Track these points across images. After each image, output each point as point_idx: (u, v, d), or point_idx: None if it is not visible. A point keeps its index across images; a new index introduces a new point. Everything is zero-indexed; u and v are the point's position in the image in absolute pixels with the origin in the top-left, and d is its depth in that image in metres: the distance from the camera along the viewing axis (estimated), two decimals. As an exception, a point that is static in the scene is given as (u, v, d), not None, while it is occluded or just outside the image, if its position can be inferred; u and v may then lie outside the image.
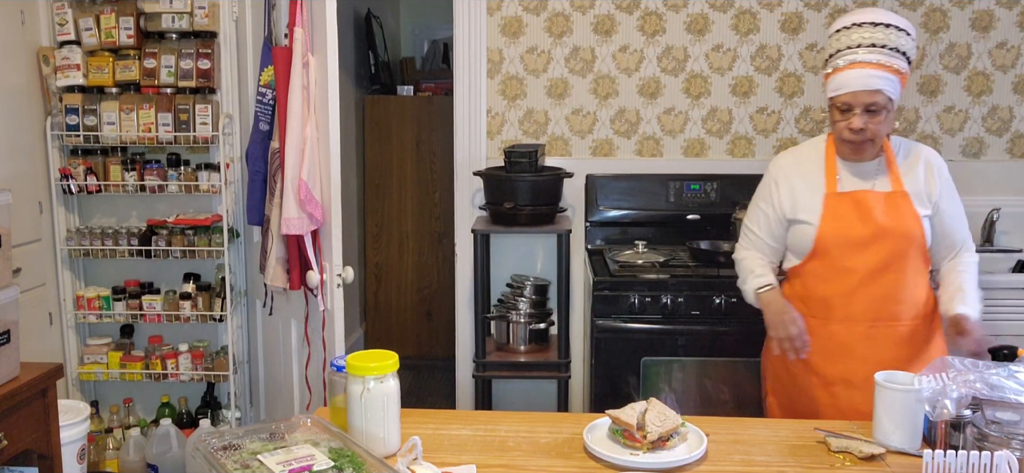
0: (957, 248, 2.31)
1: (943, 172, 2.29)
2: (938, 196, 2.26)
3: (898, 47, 2.15)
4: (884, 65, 2.13)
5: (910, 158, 2.28)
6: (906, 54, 2.17)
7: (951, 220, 2.29)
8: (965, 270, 2.27)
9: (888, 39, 2.15)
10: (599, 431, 1.79)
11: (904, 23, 2.19)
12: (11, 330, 2.12)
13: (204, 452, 1.46)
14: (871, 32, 2.16)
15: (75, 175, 3.38)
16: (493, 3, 3.56)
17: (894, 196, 2.22)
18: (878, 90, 2.12)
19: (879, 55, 2.14)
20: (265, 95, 3.05)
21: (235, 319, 3.52)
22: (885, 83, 2.13)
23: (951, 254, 2.32)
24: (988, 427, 1.57)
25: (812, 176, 2.31)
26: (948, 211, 2.28)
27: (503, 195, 3.26)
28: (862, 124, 2.15)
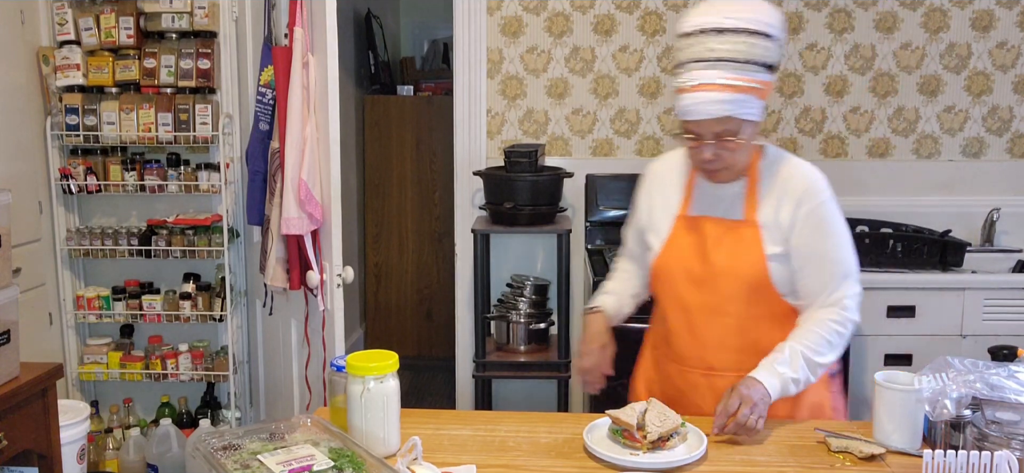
0: (820, 296, 1.84)
1: (811, 201, 1.84)
2: (794, 231, 1.83)
3: (752, 59, 1.73)
4: (735, 86, 1.72)
5: (778, 181, 1.87)
6: (767, 64, 1.76)
7: (807, 262, 1.83)
8: (810, 328, 1.82)
9: (739, 51, 1.72)
10: (599, 431, 1.79)
11: (763, 20, 1.75)
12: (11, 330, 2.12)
13: (204, 452, 1.46)
14: (718, 42, 1.73)
15: (75, 175, 3.38)
16: (493, 3, 3.56)
17: (742, 227, 1.86)
18: (727, 116, 1.74)
19: (728, 73, 1.72)
20: (265, 95, 3.05)
21: (235, 319, 3.52)
22: (736, 107, 1.73)
23: (814, 301, 1.85)
24: (988, 427, 1.57)
25: (672, 191, 1.99)
26: (806, 251, 1.83)
27: (503, 195, 3.26)
28: (711, 155, 1.80)
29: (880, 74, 3.56)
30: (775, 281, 1.84)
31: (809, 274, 1.84)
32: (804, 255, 1.83)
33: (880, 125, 3.60)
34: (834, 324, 1.82)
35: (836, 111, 3.59)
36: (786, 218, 1.84)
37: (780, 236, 1.84)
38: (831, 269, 1.83)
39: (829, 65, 3.56)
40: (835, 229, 1.85)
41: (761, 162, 1.89)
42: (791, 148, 3.60)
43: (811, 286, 1.84)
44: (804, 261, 1.83)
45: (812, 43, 3.54)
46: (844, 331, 1.84)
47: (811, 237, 1.83)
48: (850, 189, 3.59)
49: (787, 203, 1.85)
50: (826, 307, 1.83)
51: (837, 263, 1.84)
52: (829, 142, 3.61)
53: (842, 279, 1.84)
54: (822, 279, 1.83)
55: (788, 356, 1.79)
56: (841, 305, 1.83)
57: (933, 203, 3.57)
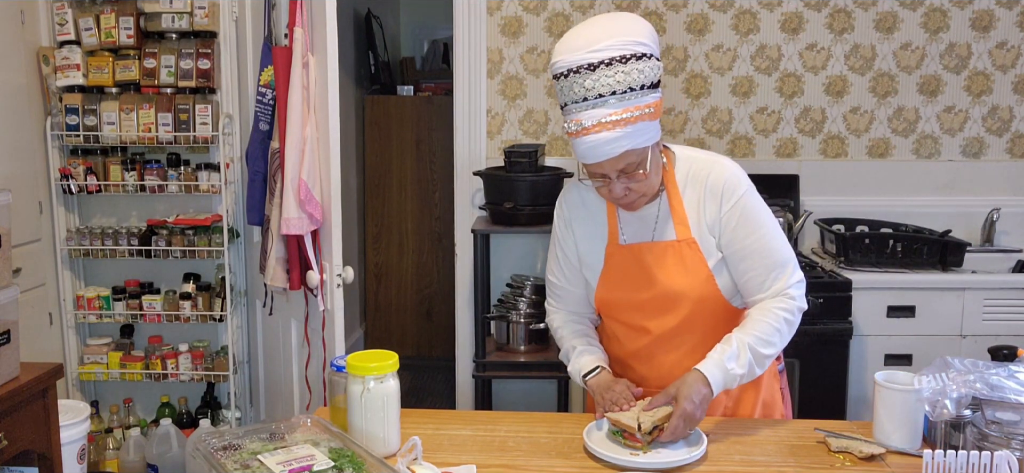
0: (761, 289, 1.80)
1: (732, 198, 1.78)
2: (722, 232, 1.79)
3: (634, 86, 1.63)
4: (626, 120, 1.63)
5: (696, 186, 1.81)
6: (653, 83, 1.66)
7: (741, 259, 1.79)
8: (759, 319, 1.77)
9: (621, 81, 1.63)
10: (599, 431, 1.79)
11: (632, 40, 1.64)
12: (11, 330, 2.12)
13: (204, 452, 1.46)
14: (595, 80, 1.63)
15: (75, 175, 3.38)
16: (493, 3, 3.56)
17: (680, 247, 1.80)
18: (627, 151, 1.65)
19: (617, 107, 1.63)
20: (265, 95, 3.05)
21: (235, 319, 3.52)
22: (633, 140, 1.64)
23: (757, 295, 1.81)
24: (988, 427, 1.57)
25: (596, 218, 1.89)
26: (737, 249, 1.79)
27: (503, 195, 3.26)
28: (622, 191, 1.73)
29: (880, 74, 3.56)
30: (723, 291, 1.82)
31: (745, 270, 1.80)
32: (737, 253, 1.79)
33: (880, 125, 3.60)
34: (782, 313, 1.78)
35: (836, 111, 3.59)
36: (712, 219, 1.80)
37: (714, 243, 1.81)
38: (765, 261, 1.79)
39: (829, 65, 3.56)
40: (761, 220, 1.79)
41: (676, 171, 1.83)
42: (790, 148, 3.61)
43: (750, 282, 1.80)
44: (738, 259, 1.80)
45: (812, 43, 3.55)
46: (793, 319, 1.80)
47: (738, 233, 1.78)
48: (850, 189, 3.60)
49: (710, 205, 1.80)
50: (772, 298, 1.79)
51: (770, 253, 1.79)
52: (829, 142, 3.61)
53: (779, 268, 1.79)
54: (759, 273, 1.79)
55: (736, 349, 1.74)
56: (786, 295, 1.79)
57: (933, 203, 3.58)
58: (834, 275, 3.04)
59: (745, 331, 1.77)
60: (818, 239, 3.50)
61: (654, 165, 1.73)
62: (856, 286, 3.00)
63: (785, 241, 1.83)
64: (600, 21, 1.71)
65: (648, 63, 1.66)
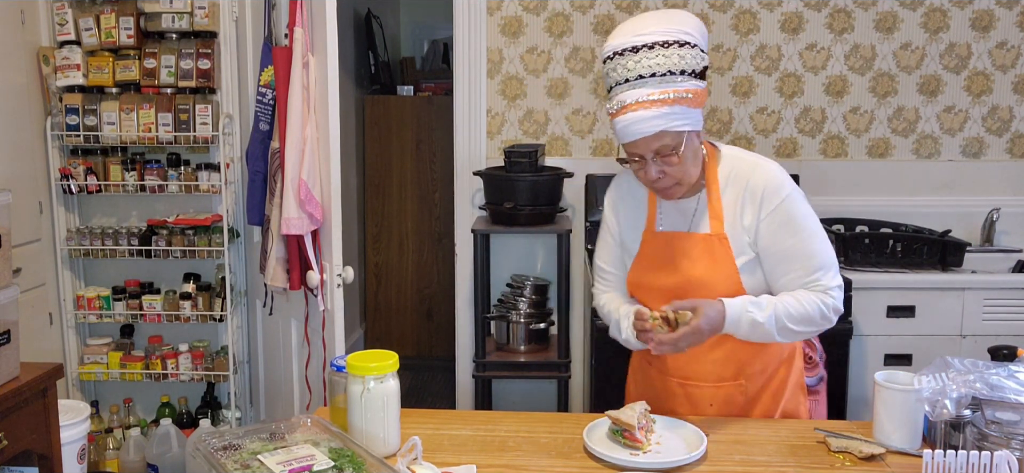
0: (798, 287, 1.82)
1: (774, 200, 1.80)
2: (759, 234, 1.81)
3: (674, 70, 1.71)
4: (663, 100, 1.70)
5: (738, 185, 1.84)
6: (692, 71, 1.74)
7: (780, 261, 1.81)
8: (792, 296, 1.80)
9: (661, 64, 1.70)
10: (599, 431, 1.79)
11: (677, 29, 1.74)
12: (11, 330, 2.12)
13: (204, 452, 1.46)
14: (637, 61, 1.71)
15: (75, 175, 3.38)
16: (493, 3, 3.56)
17: (710, 241, 1.84)
18: (662, 131, 1.72)
19: (653, 89, 1.70)
20: (265, 95, 3.05)
21: (235, 319, 3.52)
22: (669, 121, 1.71)
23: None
24: (988, 427, 1.57)
25: (639, 206, 1.96)
26: (776, 251, 1.81)
27: (503, 195, 3.26)
28: (656, 174, 1.78)
29: (880, 74, 3.56)
30: (748, 290, 1.83)
31: (785, 272, 1.81)
32: (775, 255, 1.81)
33: (880, 125, 3.60)
34: (818, 302, 1.79)
35: (836, 111, 3.59)
36: (751, 222, 1.82)
37: (747, 242, 1.82)
38: (805, 264, 1.80)
39: (829, 65, 3.56)
40: (803, 223, 1.81)
41: (718, 169, 1.87)
42: (790, 148, 3.61)
43: (790, 283, 1.82)
44: (776, 261, 1.81)
45: (812, 43, 3.55)
46: (827, 314, 1.80)
47: (779, 236, 1.80)
48: (850, 189, 3.60)
49: (750, 206, 1.82)
50: (809, 289, 1.81)
51: (811, 257, 1.80)
52: (829, 142, 3.61)
53: (820, 271, 1.80)
54: (799, 275, 1.80)
55: (763, 303, 1.78)
56: (825, 291, 1.80)
57: (933, 203, 3.58)
58: (834, 275, 3.04)
59: (777, 299, 1.80)
60: (818, 239, 3.50)
61: (691, 153, 1.78)
62: (856, 286, 3.00)
63: (828, 245, 1.84)
64: (651, 13, 1.82)
65: (690, 51, 1.73)
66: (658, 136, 1.73)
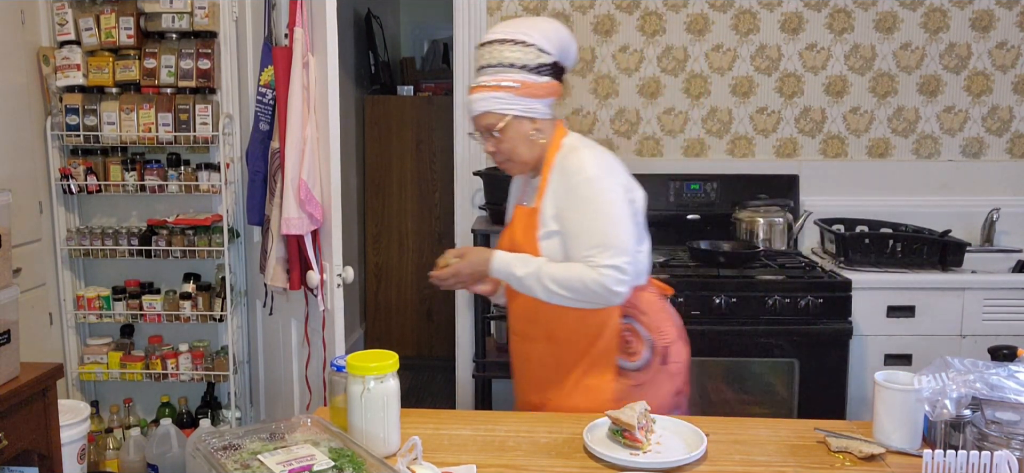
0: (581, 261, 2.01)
1: (574, 178, 2.01)
2: (560, 209, 2.02)
3: (502, 62, 2.01)
4: (489, 86, 2.02)
5: (561, 169, 2.06)
6: (524, 65, 2.00)
7: (568, 236, 2.02)
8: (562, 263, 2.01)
9: (494, 57, 2.03)
10: (599, 431, 1.79)
11: (520, 31, 2.03)
12: (11, 330, 2.12)
13: (204, 452, 1.46)
14: (481, 54, 2.07)
15: (75, 175, 3.38)
16: (493, 3, 3.56)
17: (529, 214, 2.10)
18: (486, 112, 2.04)
19: (486, 76, 2.04)
20: (265, 95, 3.05)
21: (235, 319, 3.52)
22: (492, 103, 2.02)
23: None
24: (988, 427, 1.57)
25: (518, 183, 2.28)
26: (566, 224, 2.02)
27: (503, 195, 3.24)
28: (491, 148, 2.10)
29: (880, 74, 3.56)
30: (545, 257, 2.04)
31: (571, 246, 2.00)
32: (566, 230, 2.01)
33: (880, 125, 3.60)
34: (586, 275, 1.95)
35: (836, 111, 3.59)
36: (558, 199, 2.03)
37: (552, 216, 2.03)
38: (586, 240, 1.97)
39: (829, 65, 3.56)
40: (594, 204, 1.99)
41: (556, 156, 2.07)
42: (790, 148, 3.61)
43: (573, 258, 2.00)
44: (567, 235, 2.01)
45: (812, 43, 3.55)
46: (590, 285, 1.95)
47: (571, 213, 2.00)
48: (850, 189, 3.60)
49: (560, 186, 2.03)
50: (579, 262, 1.98)
51: (591, 234, 1.97)
52: (829, 142, 3.61)
53: (598, 248, 1.96)
54: (581, 249, 1.98)
55: (527, 259, 2.03)
56: (596, 267, 1.95)
57: (933, 203, 3.58)
58: (834, 275, 3.04)
59: (546, 261, 2.02)
60: (818, 239, 3.50)
61: (520, 136, 2.05)
62: (856, 286, 3.00)
63: (615, 229, 1.99)
64: (515, 19, 2.16)
65: (524, 49, 2.02)
66: (483, 116, 2.05)
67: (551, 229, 2.04)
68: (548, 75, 2.04)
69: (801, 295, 2.94)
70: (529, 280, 2.01)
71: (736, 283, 2.97)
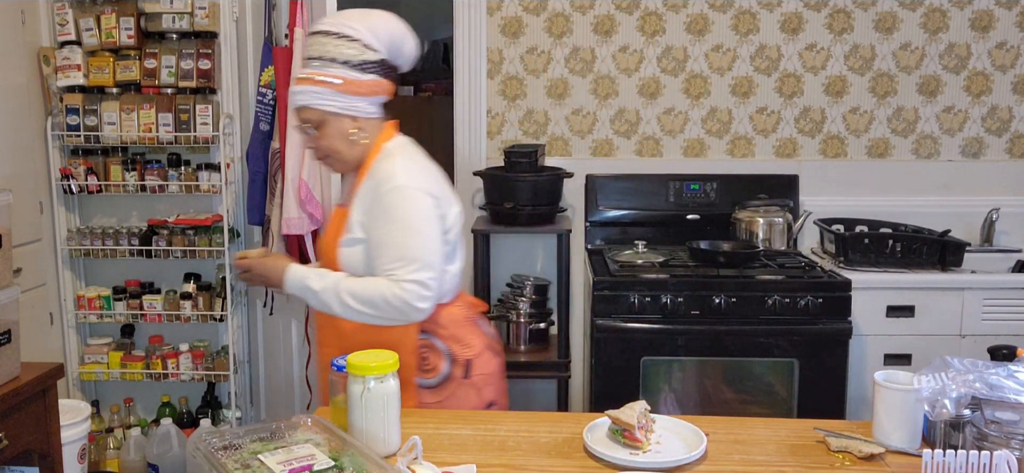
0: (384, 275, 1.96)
1: (381, 189, 1.96)
2: (367, 218, 1.98)
3: (326, 56, 1.95)
4: (312, 80, 1.95)
5: (374, 174, 2.01)
6: (347, 61, 1.95)
7: (374, 247, 1.96)
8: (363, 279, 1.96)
9: (319, 50, 1.96)
10: (599, 431, 1.79)
11: (348, 25, 1.97)
12: (11, 330, 2.12)
13: (204, 452, 1.46)
14: (310, 45, 2.00)
15: (76, 175, 3.38)
16: (493, 3, 3.56)
17: (339, 215, 2.05)
18: (303, 106, 1.97)
19: (310, 70, 1.97)
20: (265, 95, 3.06)
21: (235, 319, 3.53)
22: (311, 98, 1.95)
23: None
24: (987, 427, 1.57)
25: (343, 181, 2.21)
26: (373, 236, 1.97)
27: (503, 195, 3.26)
28: (311, 143, 2.03)
29: (880, 74, 3.57)
30: (343, 264, 2.00)
31: (375, 258, 1.95)
32: (372, 241, 1.96)
33: (880, 125, 3.60)
34: (387, 290, 1.91)
35: (836, 111, 3.59)
36: (366, 208, 1.97)
37: (358, 224, 1.98)
38: (389, 253, 1.92)
39: (829, 65, 3.56)
40: (399, 217, 1.93)
41: (376, 158, 2.02)
42: (790, 148, 3.61)
43: (378, 270, 1.95)
44: (372, 246, 1.96)
45: (812, 43, 3.55)
46: (392, 300, 1.90)
47: (377, 223, 1.95)
48: (850, 189, 3.60)
49: (369, 194, 1.98)
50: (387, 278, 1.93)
51: (394, 247, 1.92)
52: (829, 142, 3.61)
53: (398, 262, 1.92)
54: (385, 262, 1.93)
55: (325, 274, 1.98)
56: (398, 282, 1.91)
57: (932, 203, 3.58)
58: (834, 275, 3.04)
59: (345, 276, 1.97)
60: (818, 239, 3.50)
61: (339, 134, 1.99)
62: (856, 286, 3.00)
63: (420, 242, 1.94)
64: (347, 10, 2.06)
65: (350, 44, 1.96)
66: (301, 110, 1.99)
67: (356, 236, 1.98)
68: (374, 73, 1.99)
69: (801, 295, 2.95)
70: (326, 295, 1.94)
71: (736, 283, 2.97)
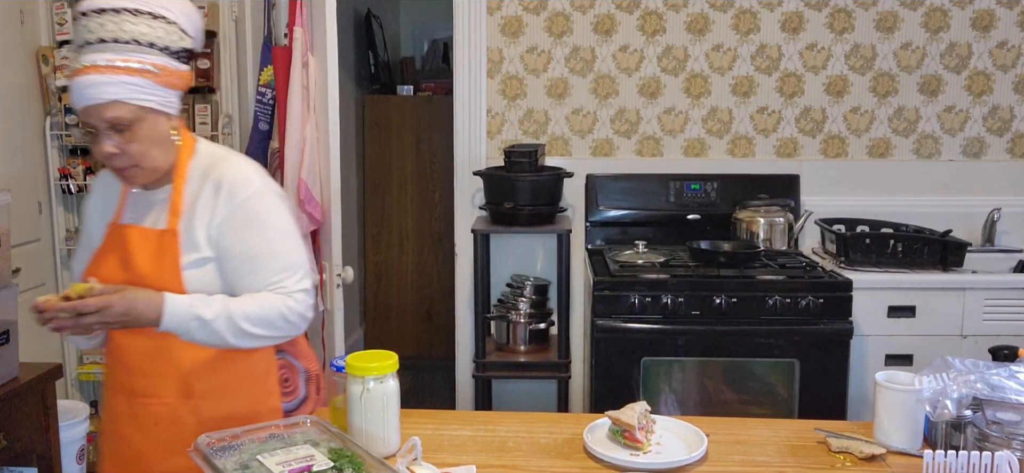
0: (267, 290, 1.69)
1: (239, 196, 1.68)
2: (222, 232, 1.67)
3: (142, 40, 1.59)
4: (123, 69, 1.57)
5: (208, 182, 1.69)
6: (166, 47, 1.63)
7: (242, 262, 1.68)
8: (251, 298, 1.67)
9: (127, 31, 1.58)
10: (599, 431, 1.78)
11: (159, 3, 1.63)
12: (10, 330, 2.12)
13: (204, 452, 1.46)
14: (101, 23, 1.58)
15: (74, 175, 3.38)
16: (493, 3, 3.56)
17: (161, 236, 1.67)
18: (116, 101, 1.58)
19: (117, 54, 1.58)
20: (265, 95, 3.05)
21: (235, 319, 3.52)
22: (127, 91, 1.58)
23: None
24: (989, 427, 1.57)
25: (111, 197, 1.79)
26: (239, 251, 1.67)
27: (503, 195, 3.26)
28: (113, 148, 1.61)
29: (880, 74, 3.56)
30: (191, 290, 1.66)
31: (249, 273, 1.68)
32: (240, 255, 1.68)
33: (880, 125, 3.60)
34: (279, 304, 1.68)
35: (836, 111, 3.59)
36: (216, 219, 1.67)
37: (205, 240, 1.67)
38: (270, 264, 1.69)
39: (829, 65, 3.56)
40: (269, 222, 1.70)
41: (191, 162, 1.72)
42: (791, 148, 3.61)
43: (254, 285, 1.69)
44: (241, 260, 1.68)
45: (812, 43, 3.54)
46: (289, 316, 1.68)
47: (244, 234, 1.68)
48: (850, 189, 3.59)
49: (216, 203, 1.68)
50: (274, 292, 1.69)
51: (276, 257, 1.69)
52: (829, 142, 3.61)
53: (286, 272, 1.70)
54: (264, 275, 1.68)
55: (211, 301, 1.64)
56: (288, 294, 1.69)
57: (933, 203, 3.57)
58: (834, 275, 3.04)
59: (232, 299, 1.67)
60: (818, 239, 3.50)
61: (155, 136, 1.64)
62: (857, 286, 2.99)
63: (297, 247, 1.74)
64: None
65: (165, 25, 1.63)
66: (112, 106, 1.58)
67: (205, 255, 1.67)
68: (184, 63, 1.70)
69: (802, 295, 2.94)
70: (219, 323, 1.62)
71: (736, 283, 2.97)
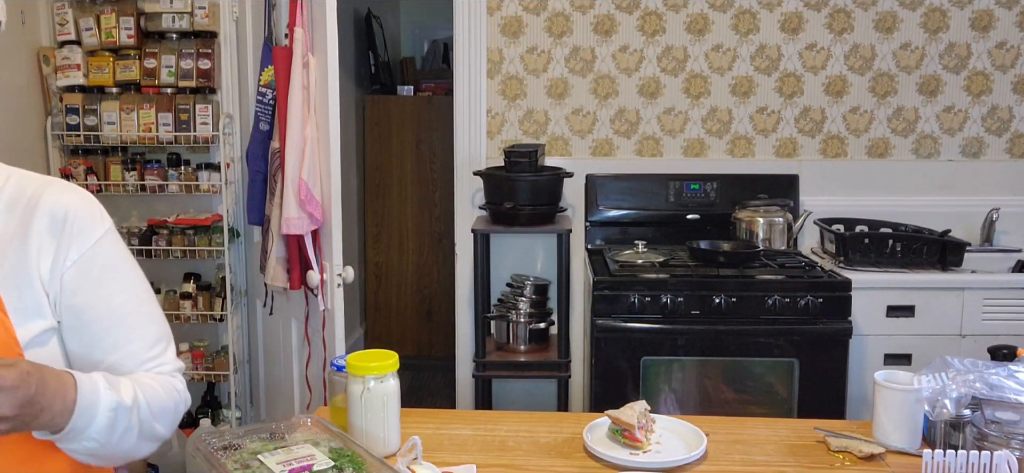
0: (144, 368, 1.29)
1: (87, 239, 1.25)
2: (65, 287, 1.22)
3: None
4: None
5: (34, 215, 1.23)
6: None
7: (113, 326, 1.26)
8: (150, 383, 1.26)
9: None
10: (599, 431, 1.79)
11: None
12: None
13: (204, 452, 1.46)
14: None
15: (75, 175, 3.38)
16: (493, 3, 3.56)
17: None
18: None
19: None
20: (265, 95, 3.05)
21: (235, 319, 3.53)
22: None
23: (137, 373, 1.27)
24: (988, 427, 1.57)
25: None
26: (100, 312, 1.25)
27: (503, 195, 3.26)
28: None
29: (880, 74, 3.56)
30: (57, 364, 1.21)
31: (115, 345, 1.26)
32: (101, 319, 1.25)
33: (880, 125, 3.60)
34: (171, 391, 1.30)
35: (836, 111, 3.59)
36: (66, 265, 1.22)
37: (47, 299, 1.21)
38: (144, 333, 1.30)
39: (829, 65, 3.56)
40: (131, 275, 1.33)
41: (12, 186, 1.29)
42: (790, 148, 3.61)
43: (123, 360, 1.26)
44: (104, 327, 1.25)
45: (812, 43, 3.55)
46: (180, 408, 1.32)
47: (102, 291, 1.25)
48: (850, 189, 3.60)
49: (63, 243, 1.22)
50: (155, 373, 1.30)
51: (150, 321, 1.32)
52: (829, 142, 3.61)
53: (160, 343, 1.32)
54: (138, 347, 1.28)
55: (119, 379, 1.22)
56: (173, 376, 1.33)
57: (933, 203, 3.58)
58: (834, 275, 3.04)
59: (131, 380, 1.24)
60: (818, 239, 3.50)
61: None
62: (856, 286, 3.00)
63: (155, 303, 1.37)
64: None
65: None
66: None
67: (50, 324, 1.21)
68: None
69: (801, 295, 2.94)
70: (135, 416, 1.20)
71: (736, 283, 2.97)
